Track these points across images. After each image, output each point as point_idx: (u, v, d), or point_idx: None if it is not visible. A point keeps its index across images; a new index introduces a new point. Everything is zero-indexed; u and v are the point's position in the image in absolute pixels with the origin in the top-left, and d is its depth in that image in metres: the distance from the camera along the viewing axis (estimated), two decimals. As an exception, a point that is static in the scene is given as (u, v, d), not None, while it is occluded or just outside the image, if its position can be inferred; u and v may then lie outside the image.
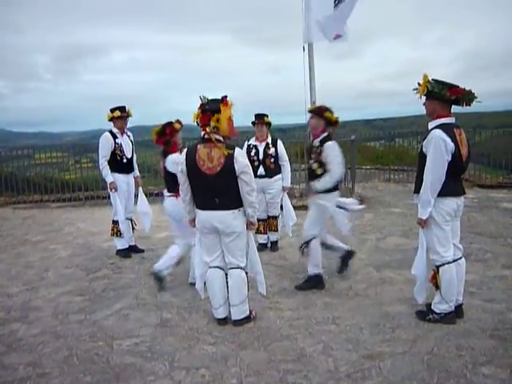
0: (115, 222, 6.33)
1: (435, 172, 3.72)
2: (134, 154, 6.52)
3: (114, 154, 6.17)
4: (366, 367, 3.33)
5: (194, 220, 4.15)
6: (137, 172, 6.57)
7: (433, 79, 3.78)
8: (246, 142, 6.31)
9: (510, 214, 7.87)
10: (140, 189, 6.50)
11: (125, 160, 6.27)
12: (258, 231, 6.30)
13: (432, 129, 3.79)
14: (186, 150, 4.03)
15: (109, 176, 6.14)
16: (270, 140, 6.20)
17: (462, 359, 3.37)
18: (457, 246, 4.02)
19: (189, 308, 4.53)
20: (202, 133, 3.91)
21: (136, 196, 6.49)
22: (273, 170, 6.15)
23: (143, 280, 5.39)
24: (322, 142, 4.70)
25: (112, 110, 6.19)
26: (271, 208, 6.27)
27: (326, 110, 4.80)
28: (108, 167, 6.15)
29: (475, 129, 11.71)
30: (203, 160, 3.83)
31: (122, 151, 6.22)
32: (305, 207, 8.95)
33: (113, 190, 6.16)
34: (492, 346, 3.53)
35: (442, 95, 3.73)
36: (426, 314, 4.02)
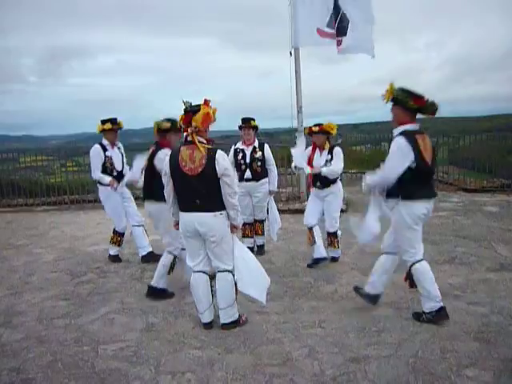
0: (116, 233, 6.27)
1: (389, 171, 3.91)
2: (125, 166, 6.32)
3: (104, 166, 6.07)
4: (351, 370, 3.35)
5: (178, 223, 4.15)
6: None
7: (399, 87, 3.91)
8: (233, 146, 6.31)
9: (494, 218, 7.96)
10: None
11: (115, 173, 6.14)
12: (244, 235, 6.31)
13: (396, 136, 3.96)
14: (170, 151, 4.05)
15: (105, 178, 6.02)
16: (256, 144, 6.20)
17: (447, 362, 3.40)
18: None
19: (174, 312, 4.52)
20: (185, 134, 3.92)
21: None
22: (259, 173, 6.16)
23: (129, 284, 5.36)
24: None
25: (103, 122, 6.03)
26: (257, 212, 6.28)
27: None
28: (101, 174, 6.05)
29: (460, 133, 11.80)
30: (185, 161, 3.84)
31: (112, 164, 6.12)
32: (290, 211, 9.00)
33: (115, 185, 6.01)
34: (476, 349, 3.56)
35: (405, 103, 3.88)
36: (420, 315, 4.07)
